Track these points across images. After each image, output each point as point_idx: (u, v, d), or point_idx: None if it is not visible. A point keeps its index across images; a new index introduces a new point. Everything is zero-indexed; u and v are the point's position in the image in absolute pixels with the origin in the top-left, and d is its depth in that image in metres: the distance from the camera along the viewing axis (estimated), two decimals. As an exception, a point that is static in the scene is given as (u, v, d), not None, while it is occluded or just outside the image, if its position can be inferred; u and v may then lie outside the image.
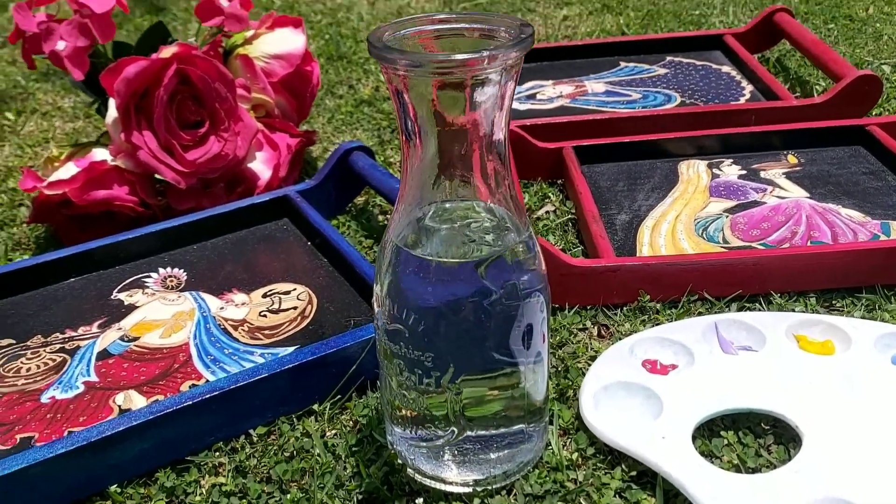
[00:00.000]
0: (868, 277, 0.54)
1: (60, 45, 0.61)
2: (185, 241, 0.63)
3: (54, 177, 0.63)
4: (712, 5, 1.17)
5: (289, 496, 0.42)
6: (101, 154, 0.65)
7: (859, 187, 0.65)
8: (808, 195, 0.64)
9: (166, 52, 0.63)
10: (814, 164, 0.68)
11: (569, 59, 0.97)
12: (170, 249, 0.63)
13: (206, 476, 0.43)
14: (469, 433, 0.40)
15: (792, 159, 0.70)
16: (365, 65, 1.04)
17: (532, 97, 0.87)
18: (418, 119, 0.36)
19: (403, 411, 0.41)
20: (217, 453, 0.45)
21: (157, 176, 0.68)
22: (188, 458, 0.44)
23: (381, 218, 0.69)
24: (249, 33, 0.73)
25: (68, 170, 0.63)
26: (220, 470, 0.44)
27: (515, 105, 0.85)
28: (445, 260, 0.37)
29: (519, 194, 0.63)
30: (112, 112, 0.63)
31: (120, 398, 0.47)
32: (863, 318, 0.53)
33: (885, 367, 0.47)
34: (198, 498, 0.42)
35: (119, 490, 0.42)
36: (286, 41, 0.72)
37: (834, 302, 0.54)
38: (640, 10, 1.18)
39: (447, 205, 0.39)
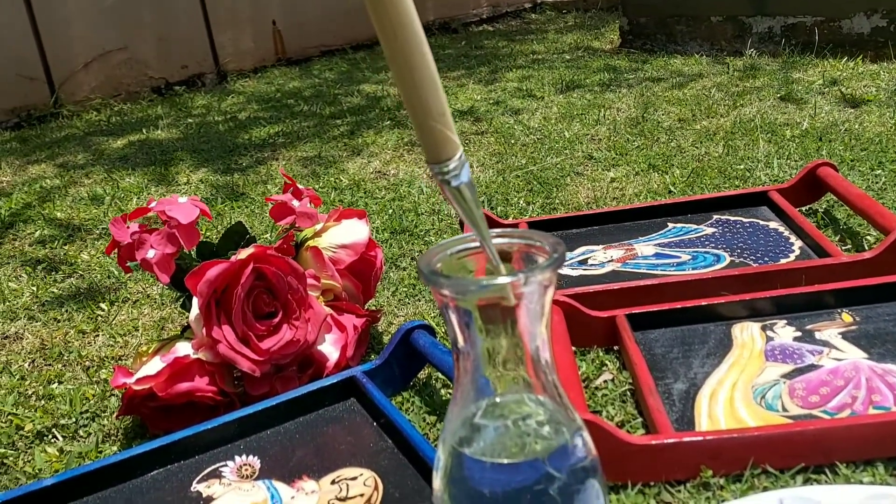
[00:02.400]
0: (936, 444, 0.54)
1: (150, 254, 0.68)
2: (258, 427, 0.67)
3: (142, 372, 0.68)
4: (756, 159, 1.21)
5: None
6: (184, 349, 0.70)
7: (918, 345, 0.65)
8: (866, 356, 0.64)
9: (244, 253, 0.69)
10: (869, 322, 0.69)
11: (617, 223, 1.01)
12: (245, 436, 0.66)
13: None
14: None
15: (846, 317, 0.70)
16: (426, 237, 1.11)
17: (584, 262, 0.91)
18: (469, 330, 0.39)
19: None
20: None
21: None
22: None
23: (443, 392, 0.72)
24: (319, 226, 0.79)
25: (154, 365, 0.69)
26: None
27: (568, 271, 0.89)
28: (502, 461, 0.39)
29: (573, 366, 0.65)
30: (195, 309, 0.69)
31: None
32: (936, 487, 0.51)
33: (962, 544, 0.46)
34: None
35: None
36: (351, 232, 0.78)
37: (904, 470, 0.53)
38: (686, 168, 1.22)
39: (498, 399, 0.42)
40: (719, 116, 1.49)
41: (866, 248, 0.87)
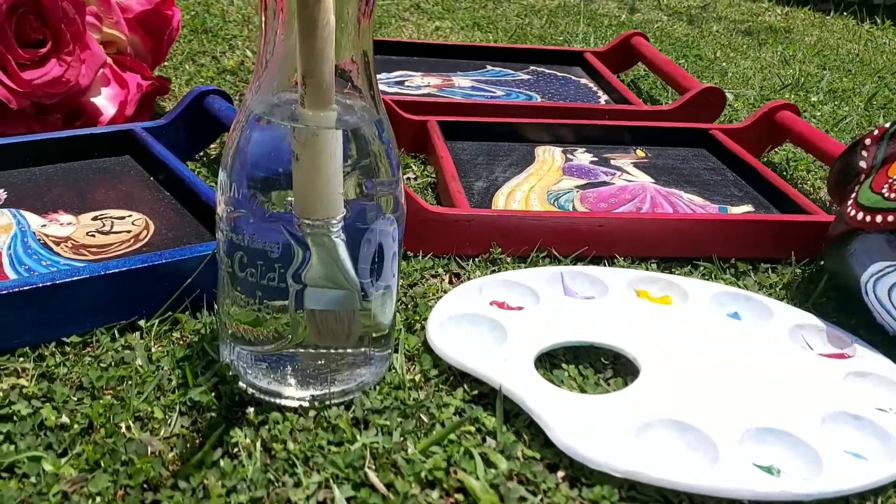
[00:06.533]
0: (705, 247, 0.57)
1: None
2: (9, 163, 0.57)
3: None
4: (575, 34, 1.24)
5: (101, 402, 0.38)
6: (-81, 60, 0.58)
7: (700, 179, 0.69)
8: (654, 181, 0.67)
9: (10, -43, 0.58)
10: (659, 159, 0.72)
11: (438, 58, 0.98)
12: (-10, 170, 0.57)
13: (5, 378, 0.38)
14: (308, 348, 0.38)
15: (640, 153, 0.73)
16: (231, 41, 1.01)
17: (400, 83, 0.88)
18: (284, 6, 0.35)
19: (240, 316, 0.38)
20: (21, 358, 0.40)
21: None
22: (-15, 360, 0.39)
23: (234, 171, 0.66)
24: (108, -35, 0.68)
25: None
26: (23, 374, 0.39)
27: (383, 88, 0.85)
28: (302, 125, 0.35)
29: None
30: (-62, 15, 0.57)
31: None
32: (698, 283, 0.55)
33: (720, 319, 0.49)
34: (-9, 399, 0.37)
35: None
36: (148, -22, 0.68)
37: (674, 270, 0.57)
38: (509, 32, 1.22)
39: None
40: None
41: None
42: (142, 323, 0.43)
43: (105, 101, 0.65)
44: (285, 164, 0.35)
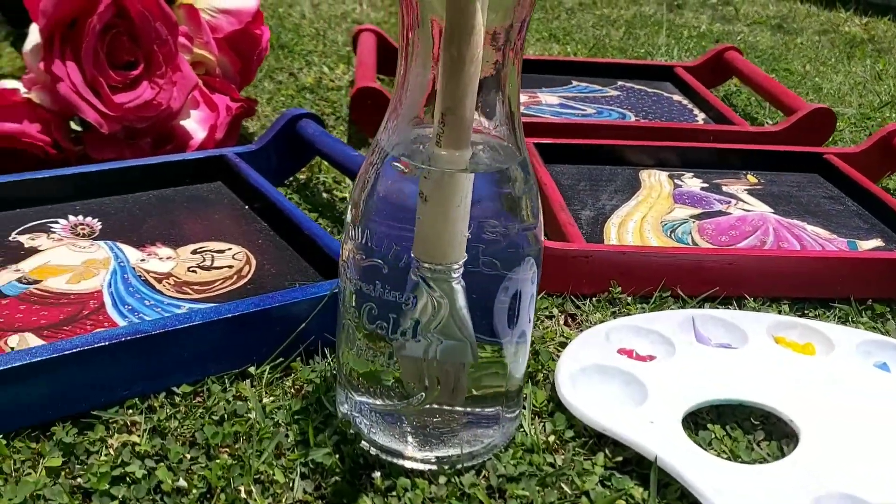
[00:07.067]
0: (842, 288, 0.52)
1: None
2: (101, 190, 0.55)
3: (-46, 100, 0.54)
4: (657, 46, 1.19)
5: (217, 462, 0.35)
6: (12, 85, 0.57)
7: (821, 209, 0.64)
8: (773, 211, 0.63)
9: (106, -23, 0.56)
10: (774, 185, 0.67)
11: (522, 73, 0.94)
12: (83, 198, 0.55)
13: (116, 434, 0.36)
14: (436, 405, 0.35)
15: (752, 179, 0.68)
16: (308, 56, 0.99)
17: (485, 102, 0.84)
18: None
19: (366, 370, 0.35)
20: (130, 411, 0.37)
21: (73, 125, 0.61)
22: (94, 413, 0.36)
23: (325, 196, 0.64)
24: (198, -17, 0.66)
25: (-28, 95, 0.55)
26: (134, 429, 0.36)
27: (468, 106, 0.82)
28: (449, 168, 0.31)
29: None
30: (33, 38, 0.56)
31: (13, 340, 0.39)
32: (836, 327, 0.50)
33: (868, 371, 0.45)
34: (104, 458, 0.34)
35: (5, 442, 0.34)
36: (238, -4, 0.66)
37: (807, 312, 0.52)
38: (587, 44, 1.18)
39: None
40: (620, 8, 1.46)
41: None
42: (252, 370, 0.40)
43: (195, 125, 0.63)
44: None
